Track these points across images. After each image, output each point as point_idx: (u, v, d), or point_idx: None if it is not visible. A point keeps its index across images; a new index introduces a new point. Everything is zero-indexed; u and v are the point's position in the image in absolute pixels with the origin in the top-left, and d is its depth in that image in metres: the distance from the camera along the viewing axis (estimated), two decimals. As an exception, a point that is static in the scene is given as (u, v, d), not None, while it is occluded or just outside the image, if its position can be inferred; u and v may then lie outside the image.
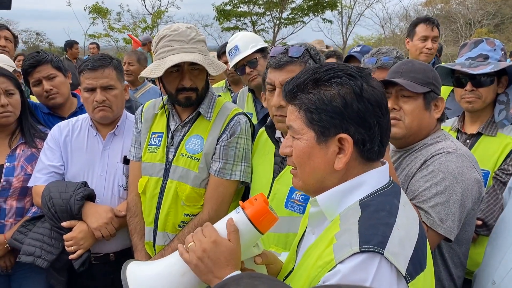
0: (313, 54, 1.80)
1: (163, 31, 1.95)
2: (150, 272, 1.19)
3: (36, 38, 28.46)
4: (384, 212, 1.03)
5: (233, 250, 1.14)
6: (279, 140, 1.92)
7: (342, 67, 1.09)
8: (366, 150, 1.07)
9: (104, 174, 2.27)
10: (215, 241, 1.14)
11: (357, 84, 1.05)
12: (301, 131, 1.09)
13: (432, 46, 3.59)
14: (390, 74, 1.81)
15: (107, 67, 2.22)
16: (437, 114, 1.78)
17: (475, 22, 24.83)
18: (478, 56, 2.20)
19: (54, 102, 2.68)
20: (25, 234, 2.18)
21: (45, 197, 2.12)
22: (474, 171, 1.65)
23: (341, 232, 1.02)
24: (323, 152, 1.07)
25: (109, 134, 2.32)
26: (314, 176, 1.11)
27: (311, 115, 1.07)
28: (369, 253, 0.94)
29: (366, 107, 1.05)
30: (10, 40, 3.67)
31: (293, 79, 1.12)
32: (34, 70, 2.63)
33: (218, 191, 1.98)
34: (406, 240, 1.02)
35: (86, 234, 2.13)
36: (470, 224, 1.74)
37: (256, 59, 2.95)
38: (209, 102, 2.05)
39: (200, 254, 1.13)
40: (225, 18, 23.05)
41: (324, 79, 1.07)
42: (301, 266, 1.15)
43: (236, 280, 0.58)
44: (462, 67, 2.17)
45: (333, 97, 1.05)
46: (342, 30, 27.59)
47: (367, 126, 1.05)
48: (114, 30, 22.45)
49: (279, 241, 1.76)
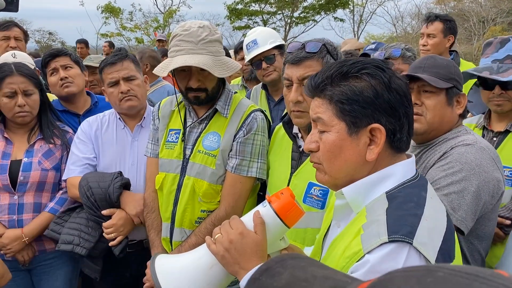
0: (331, 50, 1.78)
1: (176, 30, 1.96)
2: (179, 264, 1.21)
3: (48, 37, 28.77)
4: (411, 204, 1.03)
5: (259, 241, 1.15)
6: (296, 136, 1.91)
7: (368, 60, 1.11)
8: (396, 140, 1.08)
9: (135, 164, 2.36)
10: (242, 233, 1.16)
11: (385, 75, 1.07)
12: (331, 123, 1.09)
13: (427, 42, 3.58)
14: (412, 69, 1.79)
15: (125, 59, 2.33)
16: (459, 110, 1.75)
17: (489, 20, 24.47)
18: (506, 57, 2.10)
19: (68, 91, 2.71)
20: (61, 225, 2.27)
21: (84, 187, 2.19)
22: (493, 165, 1.62)
23: (368, 223, 1.02)
24: (355, 144, 1.08)
25: (136, 126, 2.41)
26: (345, 169, 1.10)
27: (343, 106, 1.07)
28: (398, 242, 0.94)
29: (395, 98, 1.06)
30: (20, 39, 3.63)
31: (319, 73, 1.13)
32: (52, 60, 2.71)
33: (235, 188, 1.98)
34: (435, 231, 1.02)
35: (125, 221, 2.21)
36: (490, 219, 1.71)
37: (273, 55, 2.94)
38: (226, 99, 2.05)
39: (227, 245, 1.15)
40: (236, 17, 23.08)
41: (352, 71, 1.08)
42: (327, 258, 1.15)
43: (279, 262, 0.57)
44: (491, 74, 2.06)
45: (364, 88, 1.06)
46: (353, 28, 27.47)
47: (397, 116, 1.07)
48: (126, 30, 22.59)
49: (297, 236, 1.75)
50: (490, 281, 0.39)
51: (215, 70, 1.87)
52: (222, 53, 2.00)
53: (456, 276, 0.41)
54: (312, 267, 0.55)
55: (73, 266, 2.52)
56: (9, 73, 2.31)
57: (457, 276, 0.41)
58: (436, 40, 3.58)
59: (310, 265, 0.56)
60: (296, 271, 0.54)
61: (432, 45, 3.57)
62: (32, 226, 2.31)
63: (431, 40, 3.57)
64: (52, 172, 2.39)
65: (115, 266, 2.32)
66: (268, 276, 0.55)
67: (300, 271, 0.54)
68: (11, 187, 2.30)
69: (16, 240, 2.27)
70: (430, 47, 3.56)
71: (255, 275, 0.56)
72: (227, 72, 1.95)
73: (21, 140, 2.41)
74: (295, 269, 0.55)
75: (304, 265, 0.56)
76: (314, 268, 0.55)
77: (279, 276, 0.54)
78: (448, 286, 0.40)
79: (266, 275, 0.55)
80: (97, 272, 2.28)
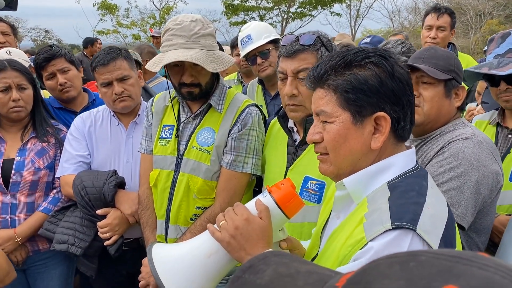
0: (325, 42, 1.76)
1: (168, 24, 1.93)
2: (176, 252, 1.19)
3: (45, 35, 28.68)
4: (413, 192, 1.03)
5: (264, 227, 1.15)
6: (291, 130, 1.89)
7: (371, 49, 1.10)
8: (400, 128, 1.09)
9: (130, 162, 2.33)
10: (248, 219, 1.15)
11: (388, 63, 1.07)
12: (335, 114, 1.08)
13: (437, 35, 3.51)
14: (412, 60, 1.77)
15: (117, 58, 2.25)
16: (458, 102, 1.73)
17: (486, 13, 24.45)
18: (507, 52, 2.04)
19: (68, 95, 2.68)
20: (55, 224, 2.24)
21: (78, 186, 2.16)
22: (491, 159, 1.60)
23: (370, 212, 1.02)
24: (360, 133, 1.07)
25: (131, 123, 2.38)
26: (350, 158, 1.10)
27: (348, 95, 1.06)
28: (401, 229, 0.94)
29: (398, 86, 1.07)
30: (8, 33, 3.54)
31: (321, 64, 1.12)
32: (48, 64, 2.63)
33: (230, 184, 1.96)
34: (437, 219, 1.02)
35: (120, 220, 2.19)
36: (489, 213, 1.69)
37: (268, 50, 2.90)
38: (220, 94, 2.02)
39: (232, 232, 1.14)
40: (233, 13, 23.00)
41: (356, 60, 1.07)
42: (326, 249, 1.15)
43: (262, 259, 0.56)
44: (490, 69, 1.99)
45: (368, 77, 1.06)
46: (350, 23, 27.47)
47: (400, 104, 1.07)
48: (123, 26, 22.52)
49: (293, 231, 1.73)
50: (473, 262, 0.39)
51: (208, 64, 1.84)
52: (215, 47, 1.96)
53: (439, 259, 0.41)
54: (295, 263, 0.54)
55: (68, 265, 2.50)
56: (3, 68, 2.29)
57: (440, 259, 0.41)
58: (446, 33, 3.54)
59: (293, 261, 0.55)
60: (279, 268, 0.53)
61: (442, 38, 3.52)
62: (25, 226, 2.28)
63: (441, 33, 3.51)
64: (45, 171, 2.35)
65: (111, 264, 2.29)
66: (251, 274, 0.54)
67: (283, 267, 0.53)
68: (4, 186, 2.27)
69: (9, 241, 2.24)
70: (440, 40, 3.50)
71: (238, 273, 0.55)
72: (220, 67, 1.91)
73: (14, 138, 2.38)
74: (278, 265, 0.54)
75: (287, 261, 0.55)
76: (297, 263, 0.54)
77: (262, 273, 0.53)
78: (431, 269, 0.40)
79: (249, 273, 0.54)
80: (93, 270, 2.26)
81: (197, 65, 1.85)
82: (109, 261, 2.25)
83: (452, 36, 3.61)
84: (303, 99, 1.72)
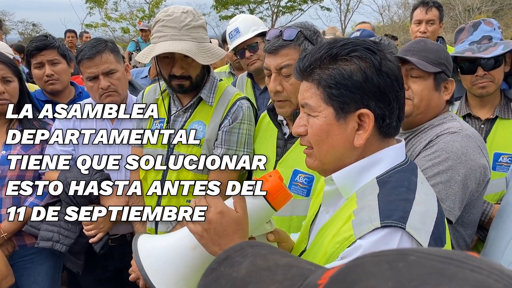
0: (309, 35, 1.73)
1: (159, 15, 1.91)
2: (162, 244, 1.16)
3: (32, 29, 28.23)
4: (403, 188, 1.01)
5: (240, 220, 1.09)
6: (281, 123, 1.88)
7: (359, 41, 1.05)
8: (385, 125, 1.05)
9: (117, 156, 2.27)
10: (222, 211, 1.08)
11: (376, 58, 1.02)
12: (319, 108, 1.05)
13: (426, 29, 3.52)
14: (401, 52, 1.76)
15: (104, 52, 2.19)
16: (447, 96, 1.73)
17: (474, 8, 24.61)
18: (482, 38, 2.08)
19: (53, 88, 2.64)
20: (40, 220, 2.19)
21: (62, 182, 2.11)
22: (479, 153, 1.61)
23: (359, 209, 0.99)
24: (342, 129, 1.04)
25: None
26: (332, 154, 1.07)
27: (331, 91, 1.03)
28: (390, 228, 0.92)
29: (385, 82, 1.02)
30: None
31: (307, 56, 1.08)
32: (39, 53, 2.58)
33: (220, 178, 1.94)
34: (426, 215, 1.00)
35: (105, 218, 2.14)
36: (475, 206, 1.70)
37: (256, 43, 2.87)
38: (211, 86, 2.00)
39: (205, 225, 1.07)
40: (222, 7, 22.88)
41: (342, 54, 1.03)
42: (315, 244, 1.13)
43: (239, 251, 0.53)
44: (473, 53, 2.03)
45: (353, 72, 1.01)
46: (340, 18, 27.40)
47: (386, 101, 1.03)
48: (112, 20, 22.26)
49: (282, 224, 1.72)
50: (465, 264, 0.37)
51: (199, 57, 1.82)
52: (206, 39, 1.94)
53: (429, 259, 0.39)
54: (274, 255, 0.51)
55: (55, 261, 2.47)
56: None
57: (431, 260, 0.39)
58: (435, 27, 3.54)
59: (272, 253, 0.52)
60: (257, 260, 0.50)
61: (432, 31, 3.51)
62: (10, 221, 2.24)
63: (430, 27, 3.51)
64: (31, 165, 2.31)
65: (98, 260, 2.27)
66: (226, 266, 0.51)
67: (261, 259, 0.50)
68: (-11, 181, 2.23)
69: None
70: (430, 34, 3.50)
71: (213, 265, 0.51)
72: (211, 59, 1.90)
73: (0, 132, 2.33)
74: (256, 257, 0.51)
75: (265, 253, 0.52)
76: (276, 256, 0.51)
77: (239, 265, 0.50)
78: (421, 270, 0.37)
79: (224, 265, 0.51)
80: (80, 266, 2.24)
81: (188, 57, 1.83)
82: (96, 257, 2.22)
83: (440, 29, 3.62)
84: (288, 94, 1.71)
